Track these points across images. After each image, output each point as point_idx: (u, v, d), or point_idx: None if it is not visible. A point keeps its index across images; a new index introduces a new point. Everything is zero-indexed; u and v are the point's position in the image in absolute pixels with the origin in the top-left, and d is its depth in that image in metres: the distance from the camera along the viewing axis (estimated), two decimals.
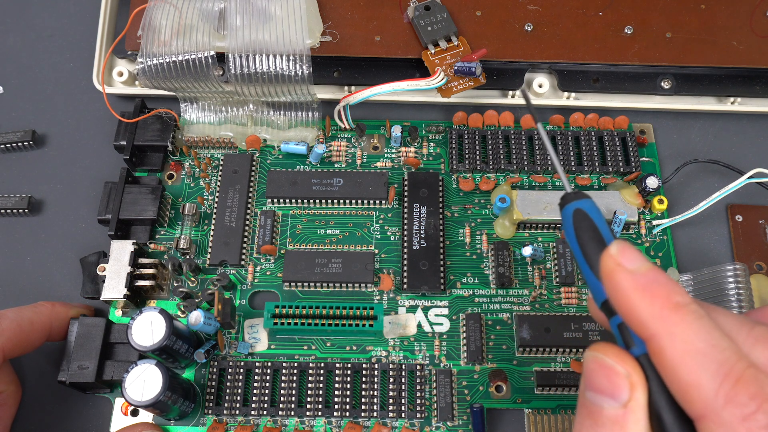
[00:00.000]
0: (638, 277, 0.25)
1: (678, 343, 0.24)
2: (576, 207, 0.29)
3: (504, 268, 0.46)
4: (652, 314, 0.25)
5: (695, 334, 0.24)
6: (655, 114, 0.53)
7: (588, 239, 0.28)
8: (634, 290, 0.25)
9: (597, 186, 0.50)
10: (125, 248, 0.45)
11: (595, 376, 0.26)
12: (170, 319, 0.39)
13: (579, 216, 0.29)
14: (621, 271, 0.26)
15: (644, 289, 0.25)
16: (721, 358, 0.23)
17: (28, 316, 0.41)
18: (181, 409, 0.41)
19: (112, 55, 0.53)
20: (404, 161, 0.50)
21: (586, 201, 0.29)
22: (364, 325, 0.44)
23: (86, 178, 0.51)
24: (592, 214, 0.29)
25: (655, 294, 0.25)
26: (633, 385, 0.25)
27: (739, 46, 0.50)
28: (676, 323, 0.24)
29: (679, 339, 0.24)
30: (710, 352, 0.24)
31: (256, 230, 0.48)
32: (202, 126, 0.50)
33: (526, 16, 0.51)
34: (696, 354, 0.24)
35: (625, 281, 0.26)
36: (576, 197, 0.29)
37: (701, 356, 0.24)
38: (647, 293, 0.25)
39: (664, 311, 0.25)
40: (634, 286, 0.25)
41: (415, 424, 0.42)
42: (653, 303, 0.25)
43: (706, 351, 0.24)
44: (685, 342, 0.24)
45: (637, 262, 0.26)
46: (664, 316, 0.24)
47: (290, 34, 0.47)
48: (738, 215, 0.49)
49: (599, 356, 0.26)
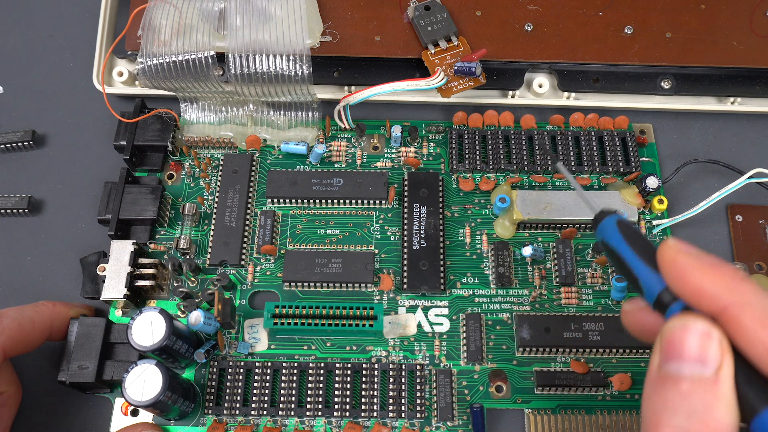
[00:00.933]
0: (701, 258, 0.27)
1: (755, 309, 0.25)
2: (617, 218, 0.31)
3: (504, 268, 0.46)
4: (723, 286, 0.25)
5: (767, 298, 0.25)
6: (655, 114, 0.53)
7: (636, 240, 0.30)
8: (699, 268, 0.26)
9: (597, 186, 0.50)
10: (125, 248, 0.45)
11: (685, 342, 0.26)
12: (170, 319, 0.39)
13: (623, 224, 0.31)
14: (684, 254, 0.27)
15: (711, 266, 0.26)
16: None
17: (29, 315, 0.41)
18: (181, 409, 0.41)
19: (112, 55, 0.53)
20: (404, 161, 0.50)
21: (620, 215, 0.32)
22: (364, 325, 0.44)
23: (86, 178, 0.51)
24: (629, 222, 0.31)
25: (722, 270, 0.26)
26: (724, 351, 0.25)
27: (739, 46, 0.50)
28: (749, 291, 0.25)
29: (755, 305, 0.25)
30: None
31: (256, 230, 0.48)
32: (202, 126, 0.50)
33: (526, 16, 0.51)
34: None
35: (690, 262, 0.26)
36: (612, 212, 0.32)
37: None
38: (714, 269, 0.26)
39: (734, 283, 0.25)
40: (699, 265, 0.26)
41: (415, 424, 0.42)
42: (723, 276, 0.26)
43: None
44: (762, 307, 0.25)
45: (695, 249, 0.27)
46: (735, 287, 0.25)
47: (290, 34, 0.47)
48: (738, 215, 0.49)
49: (689, 321, 0.26)
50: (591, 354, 0.44)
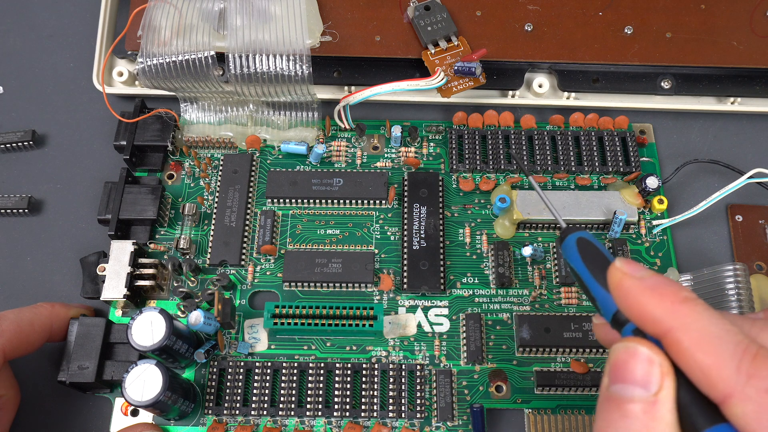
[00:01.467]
0: (645, 281, 0.27)
1: (693, 331, 0.25)
2: (578, 236, 0.32)
3: (504, 268, 0.46)
4: (664, 309, 0.26)
5: (708, 321, 0.25)
6: (655, 114, 0.53)
7: (594, 260, 0.31)
8: (643, 291, 0.27)
9: (597, 186, 0.50)
10: (125, 248, 0.45)
11: (626, 366, 0.26)
12: (170, 319, 0.39)
13: (582, 243, 0.31)
14: (628, 277, 0.27)
15: (653, 289, 0.27)
16: (735, 339, 0.25)
17: (27, 317, 0.41)
18: (181, 409, 0.41)
19: (112, 55, 0.53)
20: (404, 161, 0.50)
21: (585, 232, 0.32)
22: (364, 325, 0.44)
23: (86, 178, 0.51)
24: (593, 240, 0.32)
25: (664, 292, 0.26)
26: (664, 374, 0.26)
27: (739, 46, 0.50)
28: (688, 314, 0.26)
29: (693, 328, 0.25)
30: (725, 336, 0.25)
31: (256, 230, 0.48)
32: (202, 126, 0.50)
33: (526, 16, 0.51)
34: (712, 338, 0.25)
35: (634, 285, 0.27)
36: (576, 229, 0.32)
37: (717, 339, 0.25)
38: (656, 292, 0.26)
39: (675, 305, 0.26)
40: (642, 288, 0.27)
41: (415, 424, 0.42)
42: (663, 299, 0.26)
43: (720, 334, 0.25)
44: (700, 329, 0.25)
45: (641, 270, 0.28)
46: (676, 309, 0.26)
47: (290, 34, 0.47)
48: (738, 215, 0.49)
49: (631, 345, 0.27)
50: (591, 354, 0.44)
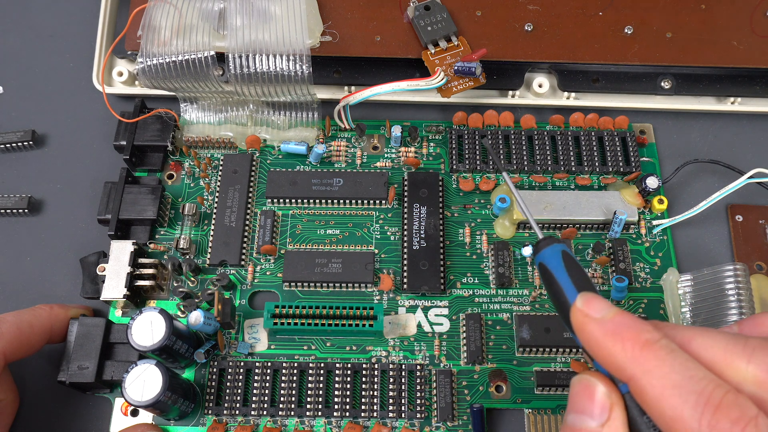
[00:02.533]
0: (606, 324, 0.27)
1: (655, 380, 0.25)
2: (539, 261, 0.30)
3: (504, 268, 0.46)
4: (625, 357, 0.26)
5: (670, 368, 0.25)
6: (655, 114, 0.53)
7: (555, 293, 0.29)
8: (604, 337, 0.26)
9: (597, 186, 0.50)
10: (125, 248, 0.45)
11: (578, 397, 0.27)
12: (170, 319, 0.39)
13: (542, 270, 0.30)
14: (589, 321, 0.27)
15: (614, 334, 0.26)
16: (698, 388, 0.24)
17: (27, 319, 0.41)
18: (181, 409, 0.41)
19: (112, 55, 0.53)
20: (404, 161, 0.50)
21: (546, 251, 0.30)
22: (364, 325, 0.44)
23: (86, 178, 0.51)
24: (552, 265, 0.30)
25: (625, 337, 0.26)
26: (612, 405, 0.26)
27: (739, 46, 0.50)
28: (649, 361, 0.25)
29: (655, 376, 0.25)
30: (687, 384, 0.24)
31: (256, 230, 0.48)
32: (202, 126, 0.50)
33: (526, 16, 0.51)
34: (673, 388, 0.24)
35: (596, 330, 0.27)
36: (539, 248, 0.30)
37: (678, 389, 0.24)
38: (618, 338, 0.26)
39: (635, 352, 0.25)
40: (604, 333, 0.27)
41: (415, 424, 0.42)
42: (624, 346, 0.26)
43: (682, 383, 0.24)
44: (661, 378, 0.25)
45: (604, 309, 0.27)
46: (637, 356, 0.25)
47: (290, 34, 0.47)
48: (738, 215, 0.49)
49: (584, 377, 0.27)
50: None
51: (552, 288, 0.30)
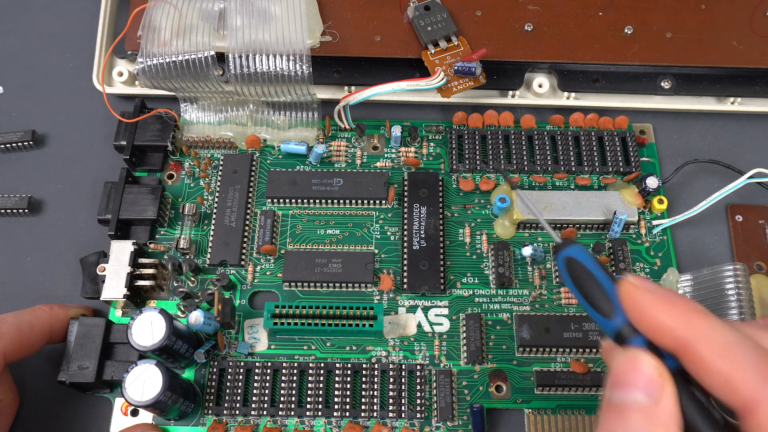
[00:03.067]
0: (658, 294, 0.27)
1: (713, 341, 0.25)
2: (565, 255, 0.30)
3: (504, 268, 0.46)
4: (681, 321, 0.26)
5: (724, 330, 0.26)
6: (655, 114, 0.53)
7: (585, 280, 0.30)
8: (657, 304, 0.27)
9: (597, 186, 0.50)
10: (125, 248, 0.45)
11: (627, 372, 0.27)
12: (170, 319, 0.39)
13: (571, 263, 0.30)
14: (641, 291, 0.28)
15: (667, 302, 0.27)
16: (752, 346, 0.25)
17: (27, 319, 0.41)
18: (181, 409, 0.41)
19: (112, 55, 0.53)
20: (404, 161, 0.50)
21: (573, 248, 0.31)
22: (364, 325, 0.44)
23: (86, 178, 0.51)
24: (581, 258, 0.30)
25: (677, 304, 0.27)
26: (665, 380, 0.26)
27: (739, 46, 0.50)
28: (706, 325, 0.26)
29: (713, 338, 0.25)
30: (742, 343, 0.25)
31: (256, 230, 0.48)
32: (202, 126, 0.50)
33: (526, 16, 0.51)
34: (733, 347, 0.25)
35: (649, 299, 0.27)
36: (565, 245, 0.31)
37: (738, 349, 0.25)
38: (671, 305, 0.27)
39: (692, 317, 0.26)
40: (656, 301, 0.27)
41: (415, 424, 0.42)
42: (680, 312, 0.26)
43: (738, 342, 0.25)
44: (717, 338, 0.25)
45: (651, 285, 0.28)
46: (693, 321, 0.26)
47: (290, 34, 0.47)
48: (738, 215, 0.49)
49: (632, 353, 0.27)
50: (591, 354, 0.44)
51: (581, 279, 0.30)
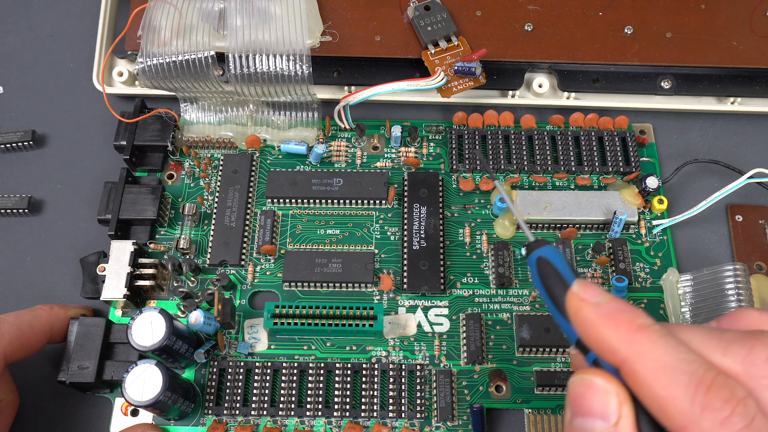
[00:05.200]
0: (601, 308, 0.27)
1: (648, 361, 0.25)
2: (538, 255, 0.30)
3: (504, 268, 0.46)
4: (619, 339, 0.26)
5: (663, 350, 0.25)
6: (655, 114, 0.53)
7: (552, 284, 0.29)
8: (599, 320, 0.27)
9: (597, 186, 0.50)
10: (125, 248, 0.45)
11: (585, 398, 0.27)
12: (170, 319, 0.39)
13: (541, 263, 0.30)
14: (585, 305, 0.27)
15: (609, 317, 0.26)
16: (690, 369, 0.24)
17: (27, 319, 0.41)
18: (181, 409, 0.41)
19: (112, 55, 0.53)
20: (404, 161, 0.50)
21: (547, 248, 0.30)
22: (364, 325, 0.44)
23: (86, 178, 0.51)
24: (553, 258, 0.30)
25: (620, 320, 0.26)
26: (621, 402, 0.26)
27: (739, 46, 0.50)
28: (643, 343, 0.25)
29: (648, 357, 0.25)
30: (679, 365, 0.24)
31: (256, 230, 0.48)
32: (202, 126, 0.50)
33: (526, 16, 0.51)
34: (666, 369, 0.25)
35: (591, 314, 0.27)
36: (536, 245, 0.30)
37: (671, 370, 0.24)
38: (612, 321, 0.26)
39: (629, 334, 0.26)
40: (598, 316, 0.27)
41: (415, 424, 0.42)
42: (619, 328, 0.26)
43: (675, 364, 0.25)
44: (655, 359, 0.25)
45: (599, 295, 0.27)
46: (630, 339, 0.26)
47: (290, 34, 0.47)
48: (738, 215, 0.49)
49: (586, 377, 0.27)
50: None
51: (550, 281, 0.29)
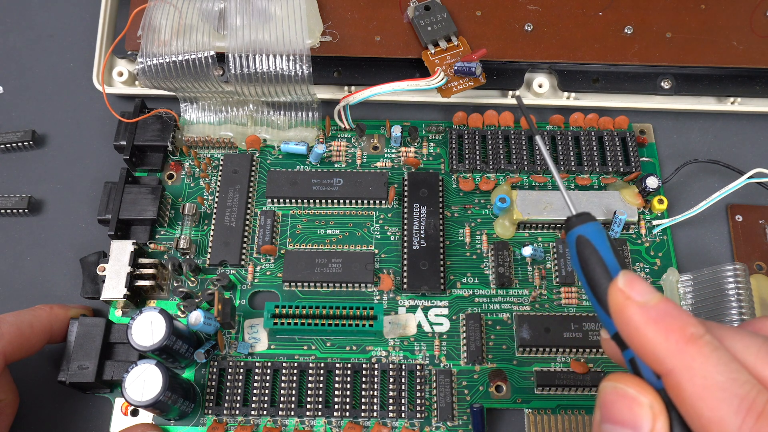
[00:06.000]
0: (650, 310, 0.25)
1: (697, 378, 0.23)
2: (578, 234, 0.27)
3: (504, 268, 0.46)
4: (667, 349, 0.24)
5: (714, 367, 0.23)
6: (655, 114, 0.53)
7: (593, 271, 0.27)
8: (646, 324, 0.25)
9: (597, 186, 0.50)
10: (125, 248, 0.45)
11: (616, 407, 0.25)
12: (170, 319, 0.39)
13: (582, 244, 0.27)
14: (631, 304, 0.25)
15: (657, 322, 0.24)
16: (741, 392, 0.23)
17: (27, 319, 0.41)
18: (181, 409, 0.41)
19: (112, 55, 0.53)
20: (404, 161, 0.50)
21: (589, 225, 0.27)
22: (364, 325, 0.44)
23: (86, 178, 0.51)
24: (596, 240, 0.27)
25: (670, 327, 0.24)
26: (655, 415, 0.25)
27: (739, 46, 0.50)
28: (693, 357, 0.24)
29: (698, 374, 0.23)
30: (730, 387, 0.23)
31: (256, 230, 0.48)
32: (202, 126, 0.50)
33: (526, 16, 0.51)
34: (716, 389, 0.23)
35: (637, 315, 0.25)
36: (579, 221, 0.27)
37: (721, 391, 0.23)
38: (661, 327, 0.24)
39: (680, 345, 0.24)
40: (646, 320, 0.25)
41: (415, 424, 0.42)
42: (668, 337, 0.24)
43: (726, 385, 0.23)
44: (705, 377, 0.23)
45: (647, 294, 0.25)
46: (681, 350, 0.24)
47: (290, 34, 0.47)
48: (738, 215, 0.49)
49: (619, 386, 0.25)
50: (591, 354, 0.44)
51: (589, 265, 0.27)
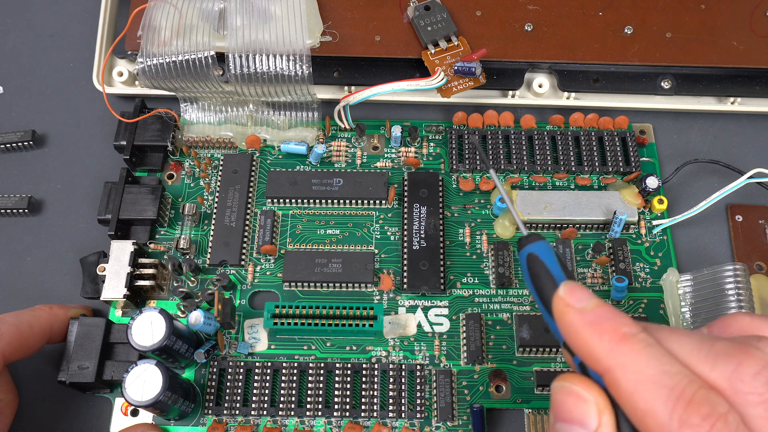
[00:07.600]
0: (587, 315, 0.27)
1: (630, 373, 0.25)
2: (528, 251, 0.29)
3: (504, 268, 0.46)
4: (602, 348, 0.26)
5: (645, 362, 0.25)
6: (655, 114, 0.53)
7: (541, 283, 0.29)
8: (583, 327, 0.26)
9: (597, 186, 0.50)
10: (125, 248, 0.45)
11: (565, 405, 0.27)
12: (170, 319, 0.39)
13: (532, 260, 0.29)
14: (570, 310, 0.27)
15: (593, 324, 0.26)
16: (671, 383, 0.24)
17: (26, 319, 0.41)
18: (181, 409, 0.41)
19: (112, 55, 0.53)
20: (404, 161, 0.51)
21: (539, 243, 0.30)
22: (364, 325, 0.44)
23: (86, 178, 0.51)
24: (544, 256, 0.29)
25: (604, 328, 0.26)
26: (600, 410, 0.26)
27: (739, 46, 0.50)
28: (625, 354, 0.25)
29: (630, 369, 0.25)
30: (661, 378, 0.24)
31: (256, 230, 0.48)
32: (202, 126, 0.50)
33: (526, 16, 0.51)
34: (648, 382, 0.24)
35: (575, 320, 0.27)
36: (528, 241, 0.30)
37: (652, 383, 0.24)
38: (596, 329, 0.26)
39: (613, 344, 0.26)
40: (583, 324, 0.26)
41: (415, 424, 0.42)
42: (602, 337, 0.26)
43: (656, 378, 0.24)
44: (636, 371, 0.25)
45: (585, 300, 0.27)
46: (614, 348, 0.25)
47: (290, 34, 0.47)
48: (738, 215, 0.49)
49: (566, 385, 0.27)
50: None
51: (539, 279, 0.29)
